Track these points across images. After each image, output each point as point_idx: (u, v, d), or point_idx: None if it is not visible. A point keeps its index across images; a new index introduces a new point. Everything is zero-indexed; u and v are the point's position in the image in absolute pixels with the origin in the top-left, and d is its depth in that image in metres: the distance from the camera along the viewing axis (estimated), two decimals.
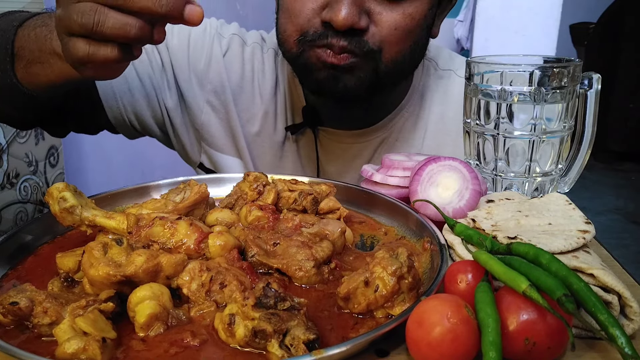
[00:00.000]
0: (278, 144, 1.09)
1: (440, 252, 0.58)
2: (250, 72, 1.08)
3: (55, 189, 0.63)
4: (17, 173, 1.75)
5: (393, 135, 1.07)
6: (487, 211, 0.66)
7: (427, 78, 1.09)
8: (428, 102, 1.07)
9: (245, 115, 1.07)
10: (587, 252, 0.56)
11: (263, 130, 1.08)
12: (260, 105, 1.07)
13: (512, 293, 0.46)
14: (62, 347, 0.45)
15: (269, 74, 1.08)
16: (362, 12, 0.84)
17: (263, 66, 1.08)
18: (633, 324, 0.50)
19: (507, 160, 0.77)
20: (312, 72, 0.90)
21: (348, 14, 0.81)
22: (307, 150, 1.08)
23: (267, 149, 1.09)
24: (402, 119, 1.07)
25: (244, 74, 1.07)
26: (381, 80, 0.91)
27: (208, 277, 0.53)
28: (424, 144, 1.06)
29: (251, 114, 1.08)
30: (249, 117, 1.08)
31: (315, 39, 0.86)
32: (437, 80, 1.09)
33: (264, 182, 0.73)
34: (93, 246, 0.54)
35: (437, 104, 1.07)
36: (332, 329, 0.50)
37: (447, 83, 1.08)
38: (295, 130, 1.07)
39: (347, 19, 0.81)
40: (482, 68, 0.77)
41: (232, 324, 0.47)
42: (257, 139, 1.09)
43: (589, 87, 0.77)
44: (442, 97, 1.07)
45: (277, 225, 0.67)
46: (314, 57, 0.87)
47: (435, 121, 1.06)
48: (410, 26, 0.88)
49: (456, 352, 0.44)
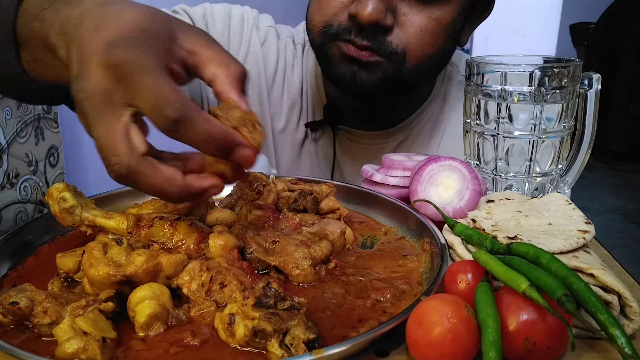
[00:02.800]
0: (298, 142, 1.09)
1: (440, 252, 0.58)
2: (283, 65, 1.08)
3: (55, 189, 0.63)
4: (17, 173, 1.75)
5: (410, 138, 1.07)
6: (487, 211, 0.66)
7: (449, 83, 1.09)
8: (448, 107, 1.07)
9: (274, 109, 1.08)
10: (587, 252, 0.56)
11: (287, 127, 1.09)
12: (287, 100, 1.08)
13: (512, 293, 0.46)
14: (62, 347, 0.45)
15: (297, 69, 1.08)
16: (388, 10, 0.83)
17: (294, 61, 1.09)
18: (633, 324, 0.50)
19: (507, 160, 0.77)
20: (333, 64, 0.90)
21: (374, 9, 0.81)
22: (325, 149, 1.09)
23: (288, 146, 1.09)
24: (421, 122, 1.07)
25: (277, 67, 1.08)
26: (402, 83, 0.91)
27: (208, 277, 0.53)
28: (440, 148, 1.06)
29: (279, 107, 1.08)
30: (277, 112, 1.08)
31: (339, 32, 0.86)
32: (458, 86, 1.08)
33: (263, 182, 0.73)
34: (93, 246, 0.54)
35: (456, 109, 1.06)
36: (332, 328, 0.50)
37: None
38: (315, 127, 1.07)
39: (373, 13, 0.81)
40: (482, 68, 0.77)
41: (232, 323, 0.47)
42: (280, 136, 1.09)
43: (589, 87, 0.77)
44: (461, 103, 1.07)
45: (277, 224, 0.67)
46: (336, 48, 0.88)
47: (452, 126, 1.06)
48: (436, 30, 0.87)
49: (456, 352, 0.44)
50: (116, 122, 0.48)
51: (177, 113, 0.46)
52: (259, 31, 1.08)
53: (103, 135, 0.48)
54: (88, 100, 0.48)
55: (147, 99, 0.47)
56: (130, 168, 0.48)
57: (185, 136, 0.48)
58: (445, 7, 0.87)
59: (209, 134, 0.48)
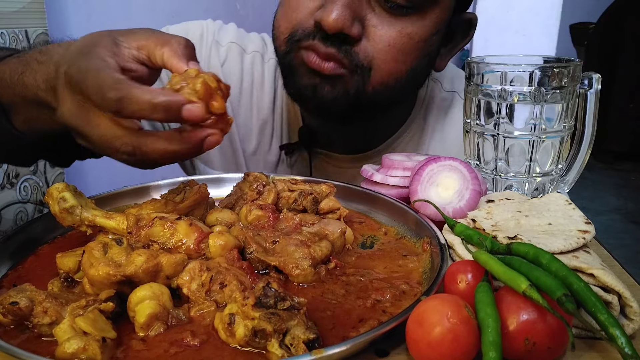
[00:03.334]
0: (272, 164, 1.04)
1: (440, 252, 0.58)
2: (249, 84, 1.02)
3: (55, 189, 0.63)
4: (17, 173, 1.75)
5: None
6: (487, 211, 0.66)
7: (431, 100, 1.03)
8: (430, 127, 1.02)
9: (243, 131, 1.03)
10: (587, 252, 0.56)
11: (259, 149, 1.03)
12: (257, 121, 1.02)
13: (512, 293, 0.46)
14: (62, 347, 0.45)
15: (268, 86, 1.02)
16: (355, 19, 0.78)
17: (262, 78, 1.03)
18: (633, 324, 0.50)
19: (507, 160, 0.77)
20: (294, 75, 0.84)
21: (339, 15, 0.76)
22: (301, 172, 1.03)
23: (260, 168, 1.03)
24: (401, 144, 1.02)
25: (242, 87, 1.02)
26: (366, 102, 0.84)
27: (208, 277, 0.53)
28: None
29: (248, 129, 1.03)
30: (246, 133, 1.03)
31: (302, 39, 0.81)
32: (440, 103, 1.03)
33: (263, 182, 0.73)
34: (93, 246, 0.54)
35: (439, 129, 1.02)
36: (333, 328, 0.50)
37: (450, 105, 1.03)
38: (289, 150, 1.01)
39: (338, 20, 0.76)
40: (482, 68, 0.77)
41: (232, 323, 0.47)
42: (252, 158, 1.04)
43: (589, 87, 0.77)
44: (443, 120, 1.02)
45: (277, 224, 0.67)
46: (299, 59, 0.82)
47: (434, 145, 1.02)
48: (407, 47, 0.81)
49: (456, 352, 0.44)
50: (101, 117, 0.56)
51: (116, 92, 0.53)
52: (220, 48, 1.01)
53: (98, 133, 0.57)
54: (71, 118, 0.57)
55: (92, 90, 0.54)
56: (134, 142, 0.55)
57: (131, 110, 0.53)
58: (418, 22, 0.81)
59: (151, 103, 0.53)
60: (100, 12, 2.01)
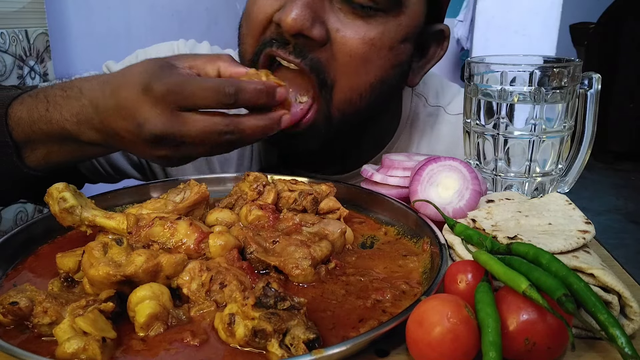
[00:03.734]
0: None
1: (440, 252, 0.58)
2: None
3: (55, 189, 0.63)
4: None
5: None
6: (487, 211, 0.66)
7: (415, 117, 0.98)
8: (415, 144, 0.98)
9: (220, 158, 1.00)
10: (587, 252, 0.56)
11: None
12: None
13: (512, 293, 0.46)
14: (62, 347, 0.45)
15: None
16: (316, 20, 0.74)
17: None
18: (633, 324, 0.50)
19: (507, 160, 0.77)
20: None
21: (298, 15, 0.72)
22: None
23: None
24: None
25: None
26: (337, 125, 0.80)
27: (208, 277, 0.53)
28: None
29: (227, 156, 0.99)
30: (225, 160, 1.00)
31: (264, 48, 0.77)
32: (426, 118, 0.99)
33: (264, 182, 0.73)
34: (93, 246, 0.54)
35: (425, 145, 0.98)
36: (333, 328, 0.50)
37: (436, 121, 0.99)
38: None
39: (297, 20, 0.72)
40: (482, 68, 0.77)
41: (232, 323, 0.47)
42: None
43: (589, 87, 0.77)
44: (429, 136, 0.98)
45: (277, 224, 0.67)
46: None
47: None
48: (370, 55, 0.76)
49: (456, 352, 0.44)
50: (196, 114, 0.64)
51: (233, 87, 0.63)
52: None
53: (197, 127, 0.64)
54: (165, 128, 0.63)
55: (205, 94, 0.63)
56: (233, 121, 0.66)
57: (245, 99, 0.64)
58: (382, 26, 0.76)
59: (257, 90, 0.65)
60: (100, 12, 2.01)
